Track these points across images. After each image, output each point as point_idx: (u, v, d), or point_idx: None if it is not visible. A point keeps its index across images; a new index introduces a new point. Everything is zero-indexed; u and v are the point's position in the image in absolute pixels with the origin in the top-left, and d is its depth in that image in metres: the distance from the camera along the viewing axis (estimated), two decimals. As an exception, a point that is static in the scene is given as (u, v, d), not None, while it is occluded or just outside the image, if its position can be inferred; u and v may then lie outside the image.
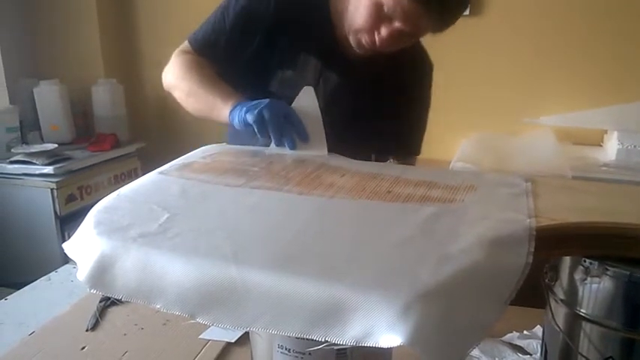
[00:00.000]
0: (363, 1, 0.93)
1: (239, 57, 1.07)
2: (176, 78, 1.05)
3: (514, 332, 0.91)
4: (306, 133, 0.90)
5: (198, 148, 0.90)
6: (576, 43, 2.13)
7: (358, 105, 1.09)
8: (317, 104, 0.93)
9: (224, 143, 0.95)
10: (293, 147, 0.89)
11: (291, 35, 1.05)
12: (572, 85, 2.17)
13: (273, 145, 0.90)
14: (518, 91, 2.23)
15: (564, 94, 2.18)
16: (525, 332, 0.91)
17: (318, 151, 0.91)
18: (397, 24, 0.91)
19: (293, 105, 0.93)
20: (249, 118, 0.87)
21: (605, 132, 2.10)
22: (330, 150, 0.95)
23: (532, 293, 0.62)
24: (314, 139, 0.92)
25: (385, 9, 0.91)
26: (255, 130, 0.88)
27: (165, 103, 2.77)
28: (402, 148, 1.19)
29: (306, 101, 0.94)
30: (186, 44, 1.10)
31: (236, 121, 0.91)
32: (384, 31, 0.93)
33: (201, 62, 1.07)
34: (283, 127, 0.88)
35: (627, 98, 2.03)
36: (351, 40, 1.00)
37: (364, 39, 0.97)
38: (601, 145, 2.11)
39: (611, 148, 1.94)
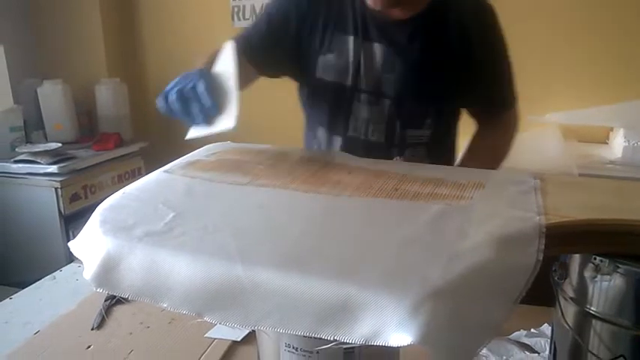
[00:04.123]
0: None
1: (281, 47, 1.09)
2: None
3: (521, 330, 0.90)
4: (215, 104, 0.80)
5: (202, 146, 0.90)
6: (581, 40, 2.11)
7: (413, 67, 1.05)
8: (234, 63, 0.82)
9: (228, 141, 0.95)
10: (203, 121, 0.81)
11: (326, 19, 1.06)
12: (577, 82, 2.16)
13: (192, 129, 0.83)
14: (524, 88, 2.20)
15: (570, 92, 2.16)
16: (533, 330, 0.90)
17: (226, 123, 0.79)
18: None
19: (213, 69, 0.85)
20: (158, 98, 0.83)
21: (611, 129, 2.09)
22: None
23: (539, 291, 0.61)
24: (225, 110, 0.80)
25: None
26: (162, 111, 0.83)
27: (169, 101, 2.77)
28: (483, 104, 1.15)
29: (225, 61, 0.83)
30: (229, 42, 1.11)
31: None
32: None
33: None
34: (191, 100, 0.81)
35: (633, 95, 2.02)
36: (368, 0, 1.00)
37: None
38: (607, 143, 2.10)
39: (617, 146, 1.93)
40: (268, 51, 1.09)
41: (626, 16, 2.04)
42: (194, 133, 0.83)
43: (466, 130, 1.21)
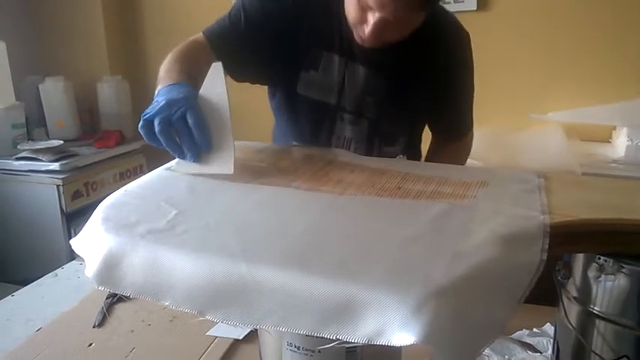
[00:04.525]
0: None
1: (257, 53, 1.01)
2: (168, 55, 0.97)
3: (524, 330, 0.90)
4: (207, 140, 0.74)
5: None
6: (584, 38, 2.11)
7: (394, 92, 1.06)
8: (225, 90, 0.75)
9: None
10: (195, 160, 0.74)
11: (310, 34, 1.02)
12: (580, 80, 2.15)
13: (177, 159, 0.77)
14: (526, 86, 2.21)
15: (572, 90, 2.15)
16: (535, 330, 0.90)
17: (222, 167, 0.73)
18: (377, 13, 0.86)
19: (200, 92, 0.77)
20: (139, 125, 0.75)
21: (614, 128, 2.08)
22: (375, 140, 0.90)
23: (542, 290, 0.61)
24: (219, 149, 0.74)
25: None
26: (146, 140, 0.75)
27: (171, 99, 2.77)
28: (451, 127, 1.18)
29: (215, 85, 0.76)
30: (199, 35, 1.02)
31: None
32: (370, 21, 0.88)
33: (200, 48, 0.99)
34: (180, 133, 0.74)
35: (637, 94, 2.01)
36: (354, 35, 0.97)
37: (358, 33, 0.94)
38: (610, 142, 2.09)
39: (620, 145, 1.92)
40: (242, 56, 1.00)
41: (630, 15, 2.04)
42: (183, 167, 0.75)
43: (425, 135, 1.24)
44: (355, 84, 1.04)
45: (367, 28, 0.89)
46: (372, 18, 0.87)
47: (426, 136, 1.23)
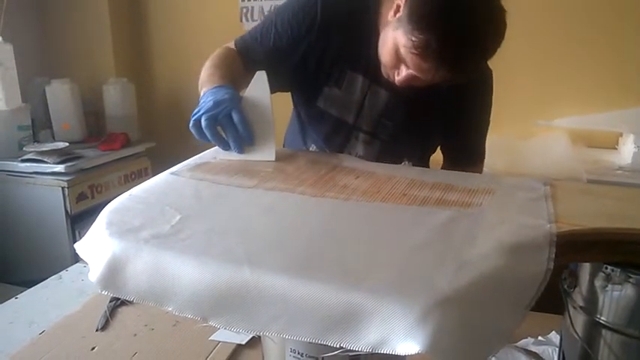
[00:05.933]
0: (387, 41, 0.90)
1: (284, 67, 1.04)
2: (207, 61, 1.03)
3: (529, 338, 0.89)
4: (250, 134, 0.84)
5: (210, 148, 0.90)
6: (590, 45, 2.10)
7: (412, 117, 1.07)
8: (268, 94, 0.86)
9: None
10: (239, 151, 0.84)
11: (337, 52, 1.03)
12: (586, 87, 2.14)
13: (219, 149, 0.86)
14: (532, 93, 2.20)
15: (578, 97, 2.15)
16: (540, 338, 0.90)
17: (265, 155, 0.85)
18: (411, 71, 0.88)
19: (245, 95, 0.87)
20: (190, 125, 0.84)
21: (621, 135, 2.07)
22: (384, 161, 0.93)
23: (547, 298, 0.61)
24: (261, 141, 0.85)
25: (402, 53, 0.87)
26: (196, 137, 0.84)
27: (176, 102, 2.78)
28: (463, 155, 1.18)
29: (258, 90, 0.87)
30: (232, 44, 1.08)
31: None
32: (403, 72, 0.90)
33: (234, 56, 1.05)
34: (226, 128, 0.84)
35: (643, 101, 2.00)
36: (382, 70, 0.97)
37: (387, 72, 0.95)
38: (616, 149, 2.08)
39: (626, 152, 1.91)
40: (270, 69, 0.98)
41: (636, 21, 2.03)
42: (225, 155, 0.85)
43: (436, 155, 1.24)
44: (375, 106, 1.06)
45: (397, 77, 0.91)
46: (405, 70, 0.89)
47: (437, 157, 1.23)
